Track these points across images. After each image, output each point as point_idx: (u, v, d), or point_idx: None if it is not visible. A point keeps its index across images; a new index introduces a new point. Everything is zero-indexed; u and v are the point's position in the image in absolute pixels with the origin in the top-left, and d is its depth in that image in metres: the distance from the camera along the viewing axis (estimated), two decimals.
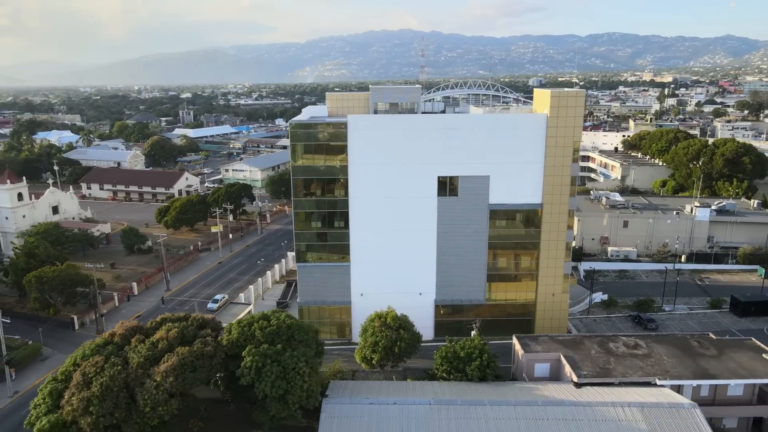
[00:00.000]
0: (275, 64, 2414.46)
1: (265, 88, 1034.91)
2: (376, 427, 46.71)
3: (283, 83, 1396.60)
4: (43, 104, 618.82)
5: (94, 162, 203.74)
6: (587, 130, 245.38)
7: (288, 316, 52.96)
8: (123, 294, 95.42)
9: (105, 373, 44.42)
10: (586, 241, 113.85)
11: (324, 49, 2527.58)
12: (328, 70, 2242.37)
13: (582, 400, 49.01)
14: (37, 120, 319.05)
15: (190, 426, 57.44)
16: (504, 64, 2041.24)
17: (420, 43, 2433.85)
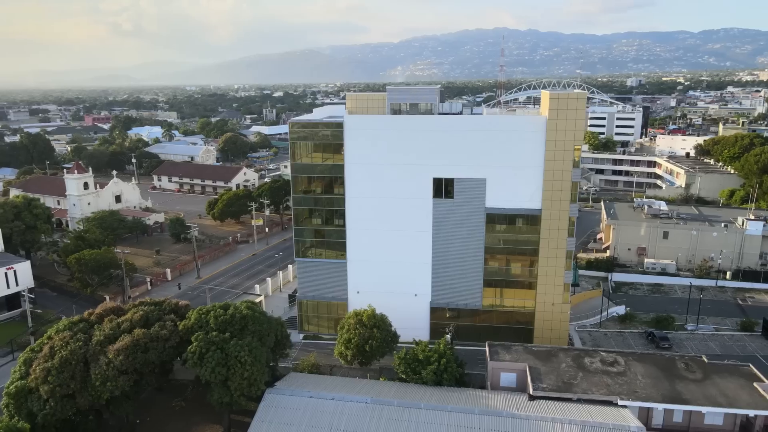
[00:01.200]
0: (368, 64, 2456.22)
1: (354, 88, 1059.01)
2: (308, 419, 48.13)
3: (373, 82, 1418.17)
4: (151, 102, 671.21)
5: (171, 156, 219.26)
6: (669, 133, 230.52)
7: (248, 307, 55.55)
8: (156, 279, 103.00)
9: (67, 347, 49.22)
10: (621, 252, 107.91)
11: (416, 49, 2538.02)
12: (420, 70, 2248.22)
13: (522, 413, 47.57)
14: (132, 117, 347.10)
15: (173, 405, 61.92)
16: (604, 63, 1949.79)
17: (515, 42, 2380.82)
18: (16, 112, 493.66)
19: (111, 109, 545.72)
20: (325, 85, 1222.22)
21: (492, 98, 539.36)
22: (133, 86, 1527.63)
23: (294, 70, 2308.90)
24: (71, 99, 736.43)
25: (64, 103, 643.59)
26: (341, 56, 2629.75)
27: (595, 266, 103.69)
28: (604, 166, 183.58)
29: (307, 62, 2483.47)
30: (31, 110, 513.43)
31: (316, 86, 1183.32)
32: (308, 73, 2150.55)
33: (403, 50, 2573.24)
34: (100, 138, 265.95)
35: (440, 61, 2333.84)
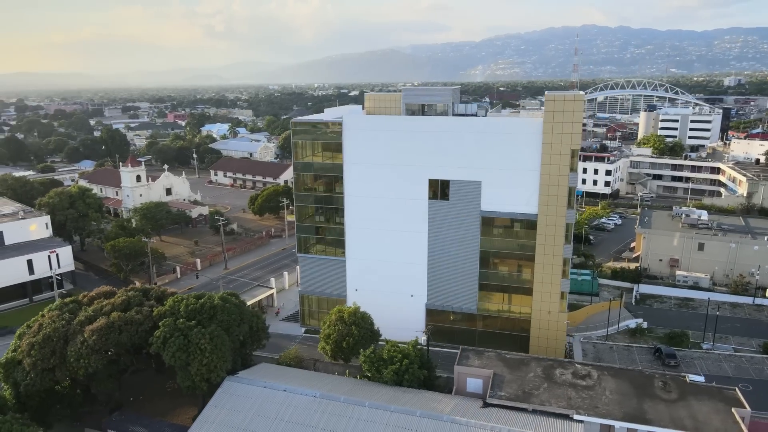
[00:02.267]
0: (448, 63, 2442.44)
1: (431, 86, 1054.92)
2: (257, 408, 50.15)
3: (451, 81, 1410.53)
4: (233, 100, 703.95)
5: (232, 152, 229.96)
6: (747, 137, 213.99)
7: (221, 297, 58.38)
8: (186, 268, 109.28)
9: (52, 326, 54.13)
10: (652, 262, 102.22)
11: (498, 48, 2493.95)
12: (500, 69, 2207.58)
13: (462, 420, 47.10)
14: (207, 114, 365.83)
15: (167, 387, 66.20)
16: (703, 61, 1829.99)
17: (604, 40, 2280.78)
18: (111, 109, 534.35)
19: (195, 106, 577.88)
20: (402, 84, 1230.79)
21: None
22: (222, 85, 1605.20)
23: (374, 69, 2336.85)
24: (162, 97, 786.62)
25: (155, 101, 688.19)
26: (422, 55, 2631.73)
27: (621, 276, 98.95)
28: (662, 171, 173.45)
29: (387, 62, 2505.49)
30: (123, 107, 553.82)
31: (394, 85, 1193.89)
32: (388, 73, 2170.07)
33: (485, 49, 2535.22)
34: (173, 134, 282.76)
35: (522, 60, 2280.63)
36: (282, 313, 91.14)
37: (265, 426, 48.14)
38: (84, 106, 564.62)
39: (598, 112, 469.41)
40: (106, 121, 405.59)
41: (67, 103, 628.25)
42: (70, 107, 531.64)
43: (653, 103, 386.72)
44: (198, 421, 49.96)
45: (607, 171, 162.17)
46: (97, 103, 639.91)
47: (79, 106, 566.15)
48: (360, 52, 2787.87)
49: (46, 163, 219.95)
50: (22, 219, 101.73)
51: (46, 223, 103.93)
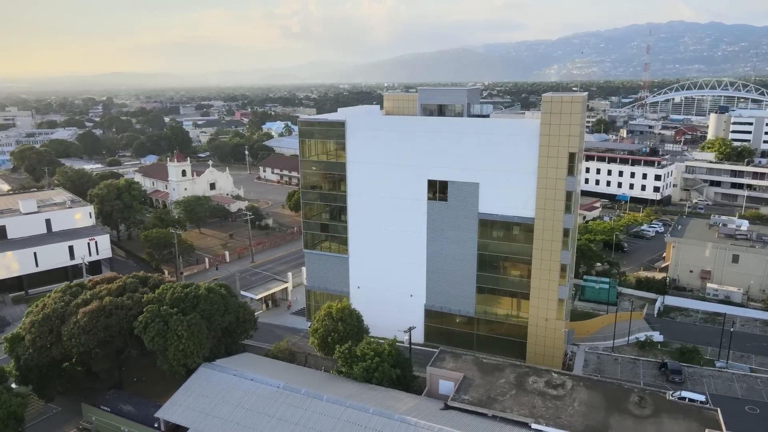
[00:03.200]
0: (521, 63, 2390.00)
1: (501, 87, 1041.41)
2: (223, 394, 52.47)
3: (523, 81, 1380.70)
4: (302, 99, 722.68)
5: (284, 149, 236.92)
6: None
7: (208, 288, 61.26)
8: (214, 259, 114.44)
9: (52, 306, 58.92)
10: (683, 273, 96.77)
11: (575, 46, 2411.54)
12: (577, 68, 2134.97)
13: (412, 420, 47.21)
14: (270, 113, 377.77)
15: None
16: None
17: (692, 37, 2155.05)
18: (186, 106, 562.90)
19: (264, 105, 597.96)
20: (472, 84, 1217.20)
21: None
22: (295, 84, 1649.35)
23: (445, 69, 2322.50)
24: (236, 96, 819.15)
25: (229, 100, 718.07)
26: (494, 54, 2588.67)
27: (645, 286, 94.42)
28: (721, 177, 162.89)
29: (459, 61, 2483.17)
30: (198, 105, 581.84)
31: (463, 85, 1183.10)
32: (459, 72, 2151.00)
33: (561, 48, 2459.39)
34: (233, 131, 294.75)
35: (601, 58, 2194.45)
36: (293, 307, 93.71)
37: (226, 412, 50.35)
38: (163, 104, 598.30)
39: (673, 113, 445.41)
40: (180, 119, 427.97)
41: (149, 101, 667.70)
42: (150, 105, 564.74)
43: (728, 104, 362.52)
44: (168, 403, 52.98)
45: (656, 176, 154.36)
46: (176, 101, 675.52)
47: (158, 104, 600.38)
48: (431, 52, 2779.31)
49: (114, 158, 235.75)
50: (69, 208, 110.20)
51: (90, 212, 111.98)
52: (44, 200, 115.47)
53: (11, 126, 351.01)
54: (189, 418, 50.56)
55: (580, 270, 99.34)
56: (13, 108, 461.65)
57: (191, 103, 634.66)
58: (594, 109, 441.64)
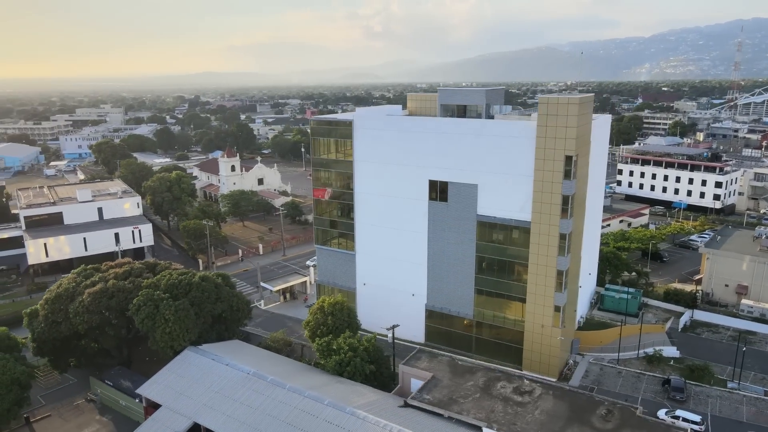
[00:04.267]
0: (610, 61, 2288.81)
1: (583, 86, 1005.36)
2: (198, 377, 55.74)
3: (608, 81, 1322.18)
4: (378, 98, 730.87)
5: None
6: None
7: (202, 277, 64.97)
8: (248, 251, 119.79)
9: (65, 286, 64.84)
10: (717, 287, 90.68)
11: (671, 43, 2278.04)
12: (671, 67, 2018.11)
13: (361, 414, 48.07)
14: (334, 111, 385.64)
15: None
16: None
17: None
18: (262, 105, 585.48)
19: (338, 103, 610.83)
20: (554, 84, 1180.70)
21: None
22: (374, 83, 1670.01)
23: (527, 67, 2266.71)
24: (313, 94, 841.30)
25: (305, 98, 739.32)
26: (580, 53, 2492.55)
27: (674, 299, 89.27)
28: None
29: (541, 60, 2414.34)
30: (274, 104, 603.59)
31: (545, 85, 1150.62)
32: (541, 71, 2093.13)
33: (655, 45, 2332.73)
34: (296, 129, 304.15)
35: (699, 56, 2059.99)
36: (309, 300, 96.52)
37: (198, 393, 53.55)
38: (243, 102, 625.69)
39: (766, 116, 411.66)
40: (254, 116, 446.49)
41: (231, 99, 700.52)
42: (230, 103, 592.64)
43: None
44: (149, 381, 57.02)
45: (717, 183, 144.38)
46: (255, 99, 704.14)
47: (239, 102, 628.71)
48: (514, 50, 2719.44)
49: (183, 153, 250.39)
50: (119, 198, 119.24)
51: (138, 203, 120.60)
52: (101, 190, 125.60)
53: (102, 122, 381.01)
54: (164, 396, 54.25)
55: (606, 278, 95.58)
56: (107, 105, 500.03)
57: (269, 102, 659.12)
58: (678, 111, 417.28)
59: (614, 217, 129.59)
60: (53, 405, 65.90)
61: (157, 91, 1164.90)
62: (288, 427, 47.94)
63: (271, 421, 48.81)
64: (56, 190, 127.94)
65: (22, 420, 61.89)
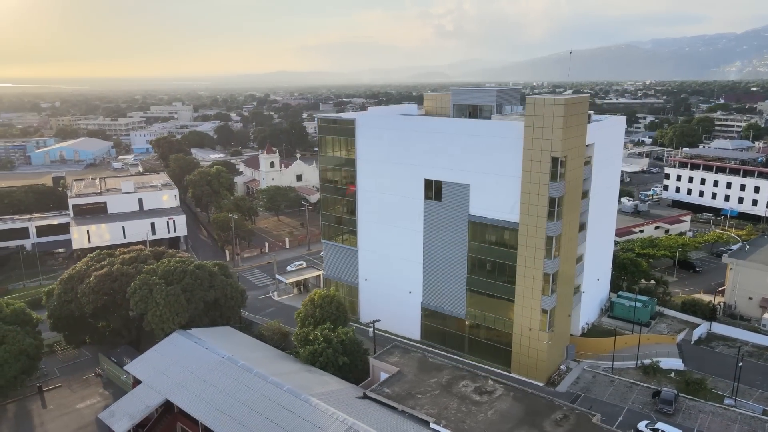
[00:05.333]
0: (696, 59, 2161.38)
1: (664, 86, 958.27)
2: (179, 357, 59.45)
3: (692, 80, 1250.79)
4: None
5: None
6: None
7: (197, 266, 68.97)
8: (275, 244, 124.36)
9: (78, 268, 70.76)
10: (740, 300, 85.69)
11: (766, 40, 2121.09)
12: (766, 65, 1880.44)
13: (313, 401, 49.76)
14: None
15: None
16: None
17: None
18: (326, 103, 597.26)
19: (401, 103, 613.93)
20: (631, 83, 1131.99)
21: None
22: (443, 82, 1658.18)
23: (605, 66, 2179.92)
24: (378, 93, 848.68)
25: (370, 97, 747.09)
26: (664, 50, 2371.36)
27: (691, 310, 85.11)
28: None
29: (621, 58, 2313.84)
30: (336, 102, 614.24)
31: (622, 84, 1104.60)
32: (620, 70, 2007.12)
33: (747, 42, 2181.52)
34: None
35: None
36: None
37: (175, 373, 57.26)
38: (308, 101, 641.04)
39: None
40: (316, 114, 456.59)
41: (297, 98, 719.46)
42: (295, 102, 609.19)
43: None
44: (137, 359, 61.47)
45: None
46: (320, 98, 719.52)
47: (304, 100, 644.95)
48: (591, 49, 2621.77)
49: (237, 149, 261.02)
50: (159, 190, 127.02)
51: (175, 195, 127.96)
52: (144, 182, 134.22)
53: (172, 119, 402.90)
54: (146, 373, 58.39)
55: (623, 285, 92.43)
56: (178, 103, 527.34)
57: (333, 100, 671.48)
58: (761, 112, 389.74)
59: (649, 223, 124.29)
60: (66, 377, 72.05)
61: (232, 89, 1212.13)
62: (245, 408, 50.58)
63: (233, 402, 51.63)
64: (105, 181, 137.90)
65: (35, 389, 68.19)
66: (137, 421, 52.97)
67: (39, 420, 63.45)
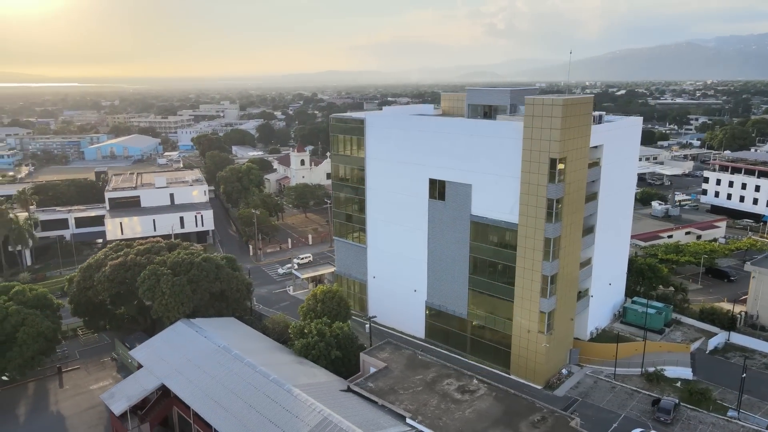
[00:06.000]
0: (765, 57, 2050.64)
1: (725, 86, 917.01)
2: (179, 344, 62.18)
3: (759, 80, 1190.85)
4: None
5: None
6: None
7: (204, 258, 71.79)
8: (297, 240, 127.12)
9: (97, 257, 74.98)
10: (763, 309, 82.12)
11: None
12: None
13: (295, 392, 51.12)
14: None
15: None
16: None
17: None
18: (371, 102, 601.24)
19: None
20: (691, 83, 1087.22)
21: None
22: (491, 82, 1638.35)
23: (664, 65, 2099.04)
24: (424, 93, 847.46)
25: (416, 96, 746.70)
26: (729, 49, 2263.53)
27: (709, 318, 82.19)
28: None
29: (681, 57, 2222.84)
30: (381, 101, 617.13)
31: (680, 84, 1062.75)
32: (681, 69, 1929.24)
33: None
34: None
35: None
36: None
37: (174, 359, 60.00)
38: (354, 100, 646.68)
39: None
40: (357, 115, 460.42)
41: (344, 97, 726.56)
42: (340, 101, 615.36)
43: None
44: (142, 345, 64.66)
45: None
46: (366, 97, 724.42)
47: (349, 99, 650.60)
48: (649, 47, 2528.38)
49: (275, 147, 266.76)
50: (190, 186, 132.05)
51: (205, 191, 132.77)
52: (177, 178, 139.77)
53: (218, 117, 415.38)
54: (148, 359, 61.45)
55: (640, 291, 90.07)
56: (226, 102, 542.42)
57: (378, 99, 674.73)
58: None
59: (678, 228, 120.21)
60: (85, 360, 76.49)
61: (282, 88, 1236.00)
62: (232, 395, 52.65)
63: (221, 388, 53.81)
64: (142, 176, 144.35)
65: (56, 369, 72.76)
66: (133, 403, 55.90)
67: (54, 398, 67.76)
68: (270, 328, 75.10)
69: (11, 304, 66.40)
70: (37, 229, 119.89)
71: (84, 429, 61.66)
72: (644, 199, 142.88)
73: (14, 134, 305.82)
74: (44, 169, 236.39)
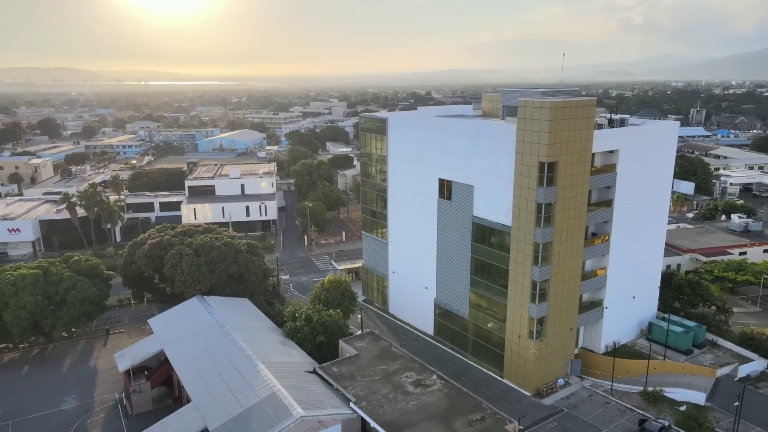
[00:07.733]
0: None
1: None
2: (188, 318, 69.63)
3: None
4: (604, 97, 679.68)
5: None
6: None
7: (225, 243, 78.88)
8: (351, 234, 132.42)
9: (143, 237, 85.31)
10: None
11: None
12: None
13: (262, 367, 56.07)
14: None
15: None
16: None
17: None
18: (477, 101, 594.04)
19: None
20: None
21: None
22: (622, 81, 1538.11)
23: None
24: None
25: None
26: None
27: (748, 343, 75.09)
28: None
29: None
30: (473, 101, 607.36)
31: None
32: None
33: None
34: None
35: None
36: None
37: (179, 329, 67.39)
38: (465, 99, 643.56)
39: None
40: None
41: (456, 95, 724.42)
42: (450, 100, 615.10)
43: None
44: (158, 316, 73.14)
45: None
46: (477, 97, 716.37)
47: (459, 99, 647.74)
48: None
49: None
50: (259, 178, 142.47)
51: (272, 182, 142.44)
52: (252, 170, 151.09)
53: (324, 114, 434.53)
54: (159, 327, 69.47)
55: (678, 307, 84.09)
56: (334, 99, 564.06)
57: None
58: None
59: (755, 245, 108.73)
60: (131, 325, 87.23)
61: (400, 87, 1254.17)
62: (209, 364, 58.60)
63: (204, 357, 59.98)
64: (223, 167, 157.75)
65: (104, 331, 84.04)
66: (136, 363, 63.94)
67: (96, 355, 78.58)
68: (282, 311, 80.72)
69: (67, 271, 77.92)
70: (129, 211, 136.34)
71: (108, 383, 71.14)
72: (727, 210, 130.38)
73: (146, 127, 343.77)
74: (162, 159, 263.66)
